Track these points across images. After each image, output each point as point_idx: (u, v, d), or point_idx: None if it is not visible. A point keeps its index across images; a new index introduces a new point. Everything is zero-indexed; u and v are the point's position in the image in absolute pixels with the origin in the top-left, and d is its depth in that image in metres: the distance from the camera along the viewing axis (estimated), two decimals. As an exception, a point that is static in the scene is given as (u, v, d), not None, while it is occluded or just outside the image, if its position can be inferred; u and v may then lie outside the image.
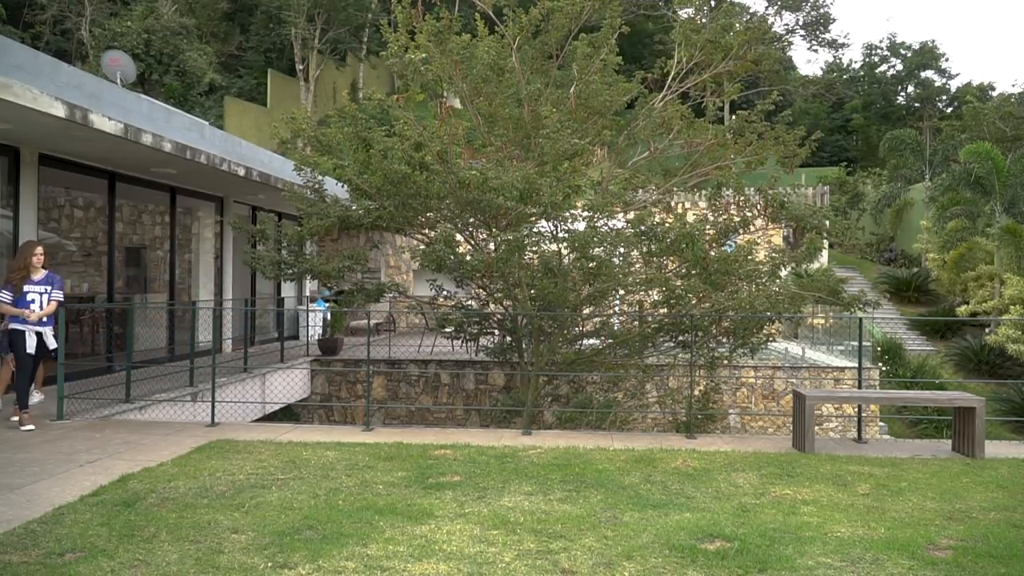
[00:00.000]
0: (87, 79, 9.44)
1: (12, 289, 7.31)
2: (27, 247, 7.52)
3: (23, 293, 7.31)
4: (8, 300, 7.26)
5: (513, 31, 10.19)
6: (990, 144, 22.12)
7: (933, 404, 7.36)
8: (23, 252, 7.52)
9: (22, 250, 7.57)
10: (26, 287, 7.33)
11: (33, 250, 7.44)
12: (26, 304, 7.29)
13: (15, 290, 7.31)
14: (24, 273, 7.35)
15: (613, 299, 10.64)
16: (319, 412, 14.10)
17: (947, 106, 46.48)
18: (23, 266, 7.37)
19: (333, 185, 11.04)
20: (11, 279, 7.36)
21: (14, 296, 7.28)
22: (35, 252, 7.43)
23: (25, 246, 7.57)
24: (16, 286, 7.32)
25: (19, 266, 7.37)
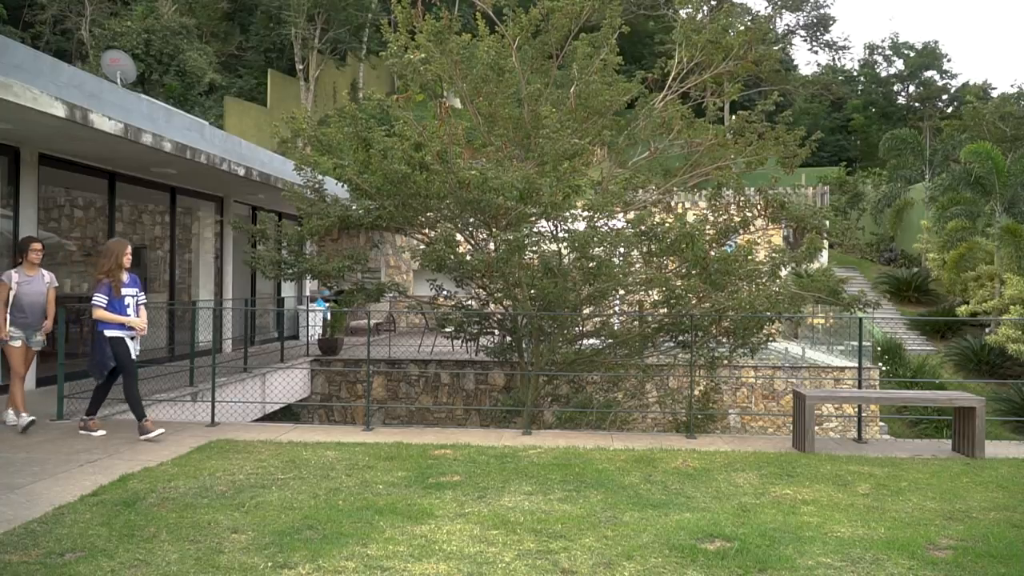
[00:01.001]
0: (87, 79, 9.44)
1: (109, 291, 6.77)
2: (119, 245, 6.93)
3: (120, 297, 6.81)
4: (104, 304, 6.73)
5: (513, 31, 10.18)
6: (990, 144, 22.12)
7: (933, 404, 7.36)
8: (114, 251, 6.88)
9: (112, 249, 6.91)
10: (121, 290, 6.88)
11: (125, 249, 6.91)
12: (123, 308, 6.81)
13: (113, 293, 6.78)
14: (118, 274, 6.83)
15: (613, 299, 10.64)
16: (319, 412, 14.10)
17: (947, 106, 46.49)
18: (116, 266, 6.82)
19: (333, 185, 11.04)
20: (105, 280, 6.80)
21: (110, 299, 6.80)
22: (127, 251, 6.91)
23: (116, 244, 6.95)
24: (115, 288, 6.79)
25: (112, 266, 6.81)
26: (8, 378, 7.34)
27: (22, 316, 7.09)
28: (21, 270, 7.16)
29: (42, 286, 7.26)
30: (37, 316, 7.21)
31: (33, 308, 7.17)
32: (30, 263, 7.20)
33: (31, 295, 7.16)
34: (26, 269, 7.19)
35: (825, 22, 48.33)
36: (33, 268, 7.22)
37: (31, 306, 7.16)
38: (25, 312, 7.11)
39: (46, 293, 7.30)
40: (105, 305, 6.71)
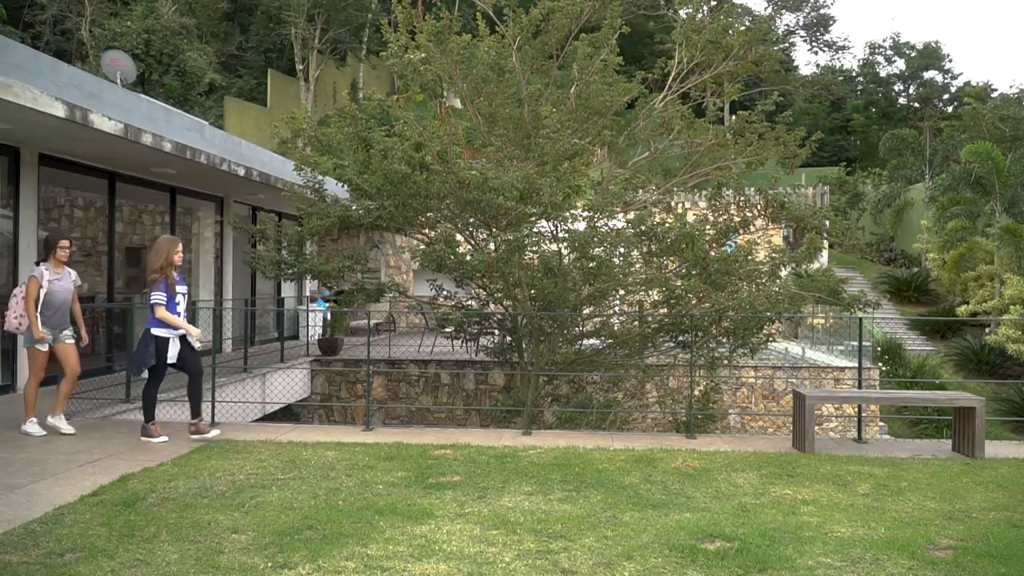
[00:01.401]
0: (87, 79, 9.44)
1: (167, 289, 6.59)
2: (170, 243, 6.71)
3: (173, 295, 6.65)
4: (164, 302, 6.54)
5: (513, 31, 10.18)
6: (990, 144, 22.12)
7: (933, 404, 7.36)
8: (165, 249, 6.67)
9: (163, 247, 6.69)
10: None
11: (176, 247, 6.72)
12: (175, 307, 6.66)
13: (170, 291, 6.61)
14: (171, 272, 6.66)
15: (613, 299, 10.64)
16: (319, 412, 14.10)
17: (947, 106, 46.49)
18: (168, 264, 6.65)
19: (333, 185, 11.04)
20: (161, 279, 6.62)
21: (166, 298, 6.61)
22: (178, 249, 6.74)
23: (167, 242, 6.73)
24: (171, 287, 6.62)
25: (165, 264, 6.63)
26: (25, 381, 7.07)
27: (51, 315, 6.83)
28: (49, 268, 6.88)
29: (69, 284, 7.02)
30: (65, 315, 6.97)
31: (62, 307, 6.93)
32: (58, 261, 6.93)
33: (61, 293, 6.91)
34: (54, 267, 6.91)
35: (825, 22, 48.35)
36: (60, 266, 6.97)
37: (61, 305, 6.91)
38: (54, 311, 6.86)
39: (72, 292, 7.06)
40: (164, 302, 6.55)
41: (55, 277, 6.88)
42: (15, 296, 6.83)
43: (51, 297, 6.82)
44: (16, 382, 9.21)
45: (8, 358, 9.17)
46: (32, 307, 6.67)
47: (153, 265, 6.67)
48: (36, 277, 6.77)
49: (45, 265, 6.87)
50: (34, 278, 6.76)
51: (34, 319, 6.66)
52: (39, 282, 6.75)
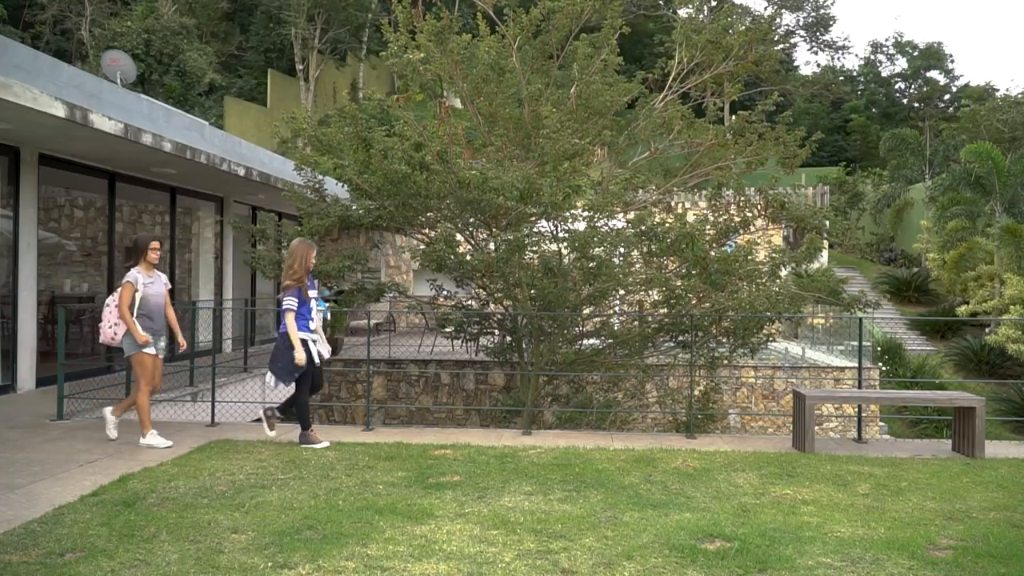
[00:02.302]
0: (87, 79, 9.44)
1: (299, 294, 6.39)
2: (305, 247, 6.53)
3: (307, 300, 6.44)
4: (295, 307, 6.35)
5: (513, 31, 10.18)
6: (990, 144, 22.13)
7: (933, 404, 7.35)
8: (301, 253, 6.47)
9: (299, 251, 6.49)
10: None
11: (311, 251, 6.54)
12: (310, 312, 6.45)
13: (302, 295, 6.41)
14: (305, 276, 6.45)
15: (613, 299, 10.64)
16: (319, 412, 14.10)
17: (948, 106, 46.50)
18: (305, 268, 6.45)
19: (333, 185, 11.05)
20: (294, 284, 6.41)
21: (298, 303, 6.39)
22: (313, 253, 6.54)
23: (302, 246, 6.54)
24: (305, 292, 6.42)
25: (301, 269, 6.43)
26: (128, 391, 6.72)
27: (149, 322, 6.48)
28: (141, 272, 6.53)
29: (162, 288, 6.68)
30: (162, 322, 6.64)
31: (159, 312, 6.59)
32: (149, 264, 6.58)
33: (156, 298, 6.57)
34: (145, 270, 6.56)
35: (825, 22, 48.36)
36: (151, 269, 6.61)
37: (157, 310, 6.56)
38: (152, 317, 6.51)
39: (166, 296, 6.73)
40: (296, 308, 6.35)
41: (148, 281, 6.54)
42: (108, 305, 6.51)
43: (146, 302, 6.48)
44: (16, 382, 9.22)
45: (8, 358, 9.17)
46: (128, 312, 6.36)
47: (290, 270, 6.41)
48: (131, 282, 6.42)
49: (136, 269, 6.51)
50: (128, 283, 6.41)
51: (132, 323, 6.34)
52: (134, 287, 6.41)
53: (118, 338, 6.45)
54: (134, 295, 6.40)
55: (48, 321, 9.77)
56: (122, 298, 6.38)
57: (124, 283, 6.43)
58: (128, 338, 6.40)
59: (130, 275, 6.48)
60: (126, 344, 6.45)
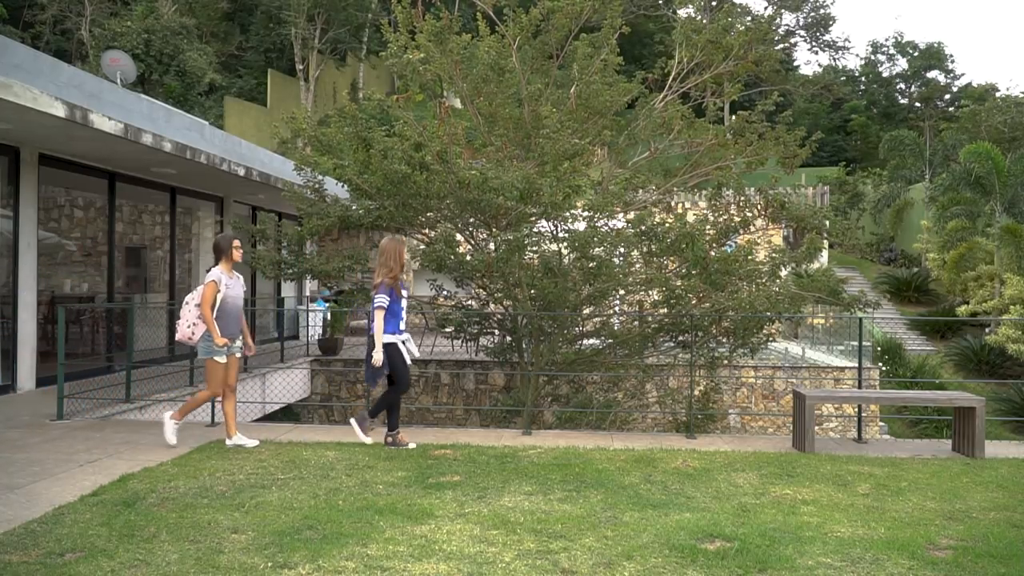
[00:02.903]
0: (87, 79, 9.44)
1: (391, 293, 6.21)
2: (396, 244, 6.32)
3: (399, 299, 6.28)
4: (386, 305, 6.17)
5: (513, 31, 10.18)
6: (990, 144, 22.13)
7: (933, 404, 7.36)
8: (393, 251, 6.27)
9: (390, 248, 6.28)
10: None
11: (403, 248, 6.34)
12: (401, 311, 6.30)
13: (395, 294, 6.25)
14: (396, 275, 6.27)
15: (613, 299, 10.64)
16: (319, 412, 14.10)
17: (948, 106, 46.50)
18: (398, 266, 6.27)
19: (333, 185, 11.05)
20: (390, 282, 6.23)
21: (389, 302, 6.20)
22: (405, 249, 6.34)
23: (393, 243, 6.33)
24: (398, 290, 6.25)
25: (396, 266, 6.24)
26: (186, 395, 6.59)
27: (227, 324, 6.29)
28: (223, 271, 6.30)
29: (241, 290, 6.47)
30: (238, 324, 6.42)
31: (236, 315, 6.38)
32: (231, 264, 6.36)
33: (235, 299, 6.35)
34: (227, 270, 6.33)
35: (825, 22, 48.35)
36: (232, 270, 6.38)
37: (235, 312, 6.35)
38: (230, 320, 6.32)
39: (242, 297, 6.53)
40: (387, 306, 6.20)
41: (230, 282, 6.33)
42: (187, 304, 6.30)
43: (226, 304, 6.27)
44: (16, 382, 9.22)
45: (8, 358, 9.17)
46: (209, 313, 6.14)
47: (384, 268, 6.24)
48: (215, 281, 6.19)
49: (219, 268, 6.30)
50: (212, 282, 6.18)
51: (212, 325, 6.14)
52: (217, 286, 6.19)
53: (196, 338, 6.25)
54: (216, 295, 6.19)
55: (48, 321, 9.77)
56: (205, 297, 6.16)
57: (207, 282, 6.19)
58: (206, 340, 6.22)
59: (214, 274, 6.25)
60: (202, 346, 6.25)
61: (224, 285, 6.22)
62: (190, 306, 6.28)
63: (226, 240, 6.36)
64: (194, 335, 6.24)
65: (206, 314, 6.14)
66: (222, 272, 6.27)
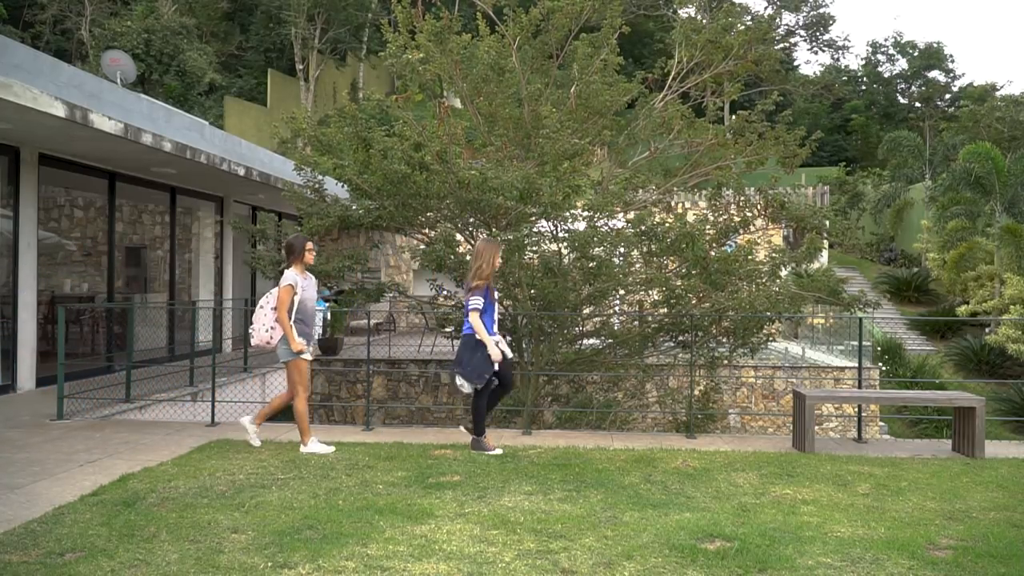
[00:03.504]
0: (87, 79, 9.45)
1: (486, 295, 6.09)
2: (492, 246, 6.20)
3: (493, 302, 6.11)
4: (480, 306, 6.04)
5: (513, 31, 10.18)
6: (990, 144, 22.14)
7: (933, 404, 7.35)
8: (488, 253, 6.15)
9: (485, 251, 6.17)
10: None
11: (498, 251, 6.21)
12: (492, 315, 6.18)
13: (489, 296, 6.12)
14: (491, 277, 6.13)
15: (613, 299, 10.64)
16: (319, 412, 14.10)
17: (948, 106, 46.52)
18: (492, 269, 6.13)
19: (333, 185, 11.06)
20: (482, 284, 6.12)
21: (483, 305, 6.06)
22: (499, 253, 6.22)
23: (488, 245, 6.21)
24: (491, 293, 6.14)
25: (489, 269, 6.12)
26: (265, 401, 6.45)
27: (304, 326, 6.23)
28: (297, 273, 6.22)
29: (315, 290, 6.43)
30: (314, 326, 6.40)
31: (312, 316, 6.35)
32: (305, 265, 6.30)
33: (310, 301, 6.31)
34: (300, 272, 6.25)
35: (824, 22, 48.37)
36: (304, 271, 6.32)
37: (311, 313, 6.32)
38: (307, 322, 6.27)
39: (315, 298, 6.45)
40: (481, 308, 6.07)
41: (305, 283, 6.26)
42: (262, 307, 6.22)
43: (303, 306, 6.21)
44: (16, 382, 9.23)
45: (8, 358, 9.17)
46: (287, 317, 6.06)
47: (478, 271, 6.13)
48: (291, 284, 6.09)
49: (293, 271, 6.21)
50: (289, 285, 6.09)
51: (290, 329, 6.06)
52: (294, 289, 6.10)
53: (274, 342, 6.17)
54: (293, 298, 6.10)
55: (48, 321, 9.77)
56: (281, 301, 6.06)
57: (284, 285, 6.09)
58: (285, 343, 6.12)
59: (289, 277, 6.14)
60: (282, 350, 6.17)
61: (300, 287, 6.15)
62: (265, 310, 6.19)
63: (299, 241, 6.28)
64: (272, 339, 6.16)
65: (283, 319, 6.05)
66: (296, 274, 6.18)
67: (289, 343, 6.09)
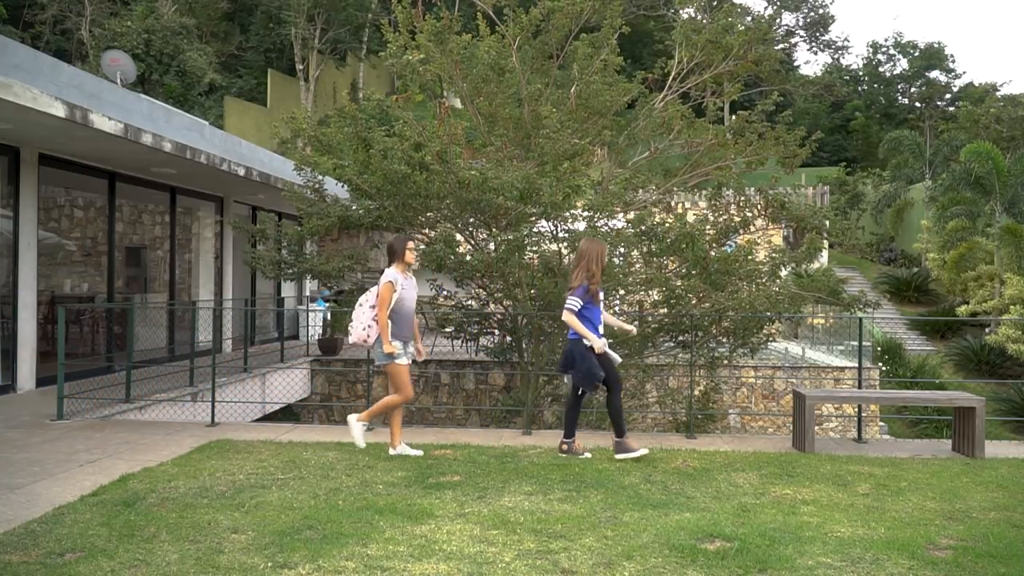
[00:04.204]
0: (87, 79, 9.45)
1: (584, 295, 5.90)
2: (599, 246, 6.03)
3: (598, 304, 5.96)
4: (576, 308, 5.88)
5: (513, 31, 10.18)
6: (990, 144, 22.14)
7: (933, 404, 7.35)
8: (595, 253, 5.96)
9: (592, 250, 5.97)
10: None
11: (604, 250, 6.03)
12: (597, 318, 5.98)
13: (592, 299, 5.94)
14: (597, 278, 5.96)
15: (613, 299, 10.64)
16: (319, 412, 14.10)
17: (949, 106, 46.53)
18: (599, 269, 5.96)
19: (333, 185, 11.06)
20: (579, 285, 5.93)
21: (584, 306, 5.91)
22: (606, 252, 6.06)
23: (595, 244, 6.03)
24: (595, 296, 5.95)
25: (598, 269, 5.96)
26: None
27: (401, 328, 6.05)
28: (398, 272, 6.06)
29: (415, 292, 6.25)
30: (411, 328, 6.18)
31: (410, 318, 6.15)
32: (406, 265, 6.14)
33: (410, 302, 6.10)
34: (401, 272, 6.08)
35: (824, 22, 48.38)
36: (406, 271, 6.15)
37: (409, 315, 6.12)
38: (404, 323, 6.07)
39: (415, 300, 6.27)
40: (577, 309, 5.89)
41: (405, 283, 6.08)
42: (361, 305, 6.07)
43: (401, 306, 6.02)
44: (16, 382, 9.23)
45: (8, 358, 9.17)
46: (385, 316, 5.88)
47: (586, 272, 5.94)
48: (392, 281, 5.93)
49: (394, 269, 6.06)
50: (389, 282, 5.92)
51: (385, 329, 5.89)
52: (394, 287, 5.92)
53: (371, 340, 6.02)
54: (393, 296, 5.92)
55: (48, 321, 9.77)
56: (382, 299, 5.88)
57: (384, 282, 5.91)
58: (381, 345, 5.98)
59: (390, 274, 5.97)
60: (378, 352, 6.03)
61: (400, 286, 5.98)
62: (364, 307, 6.04)
63: (400, 242, 6.13)
64: (369, 337, 6.00)
65: (382, 317, 5.90)
66: (397, 273, 6.04)
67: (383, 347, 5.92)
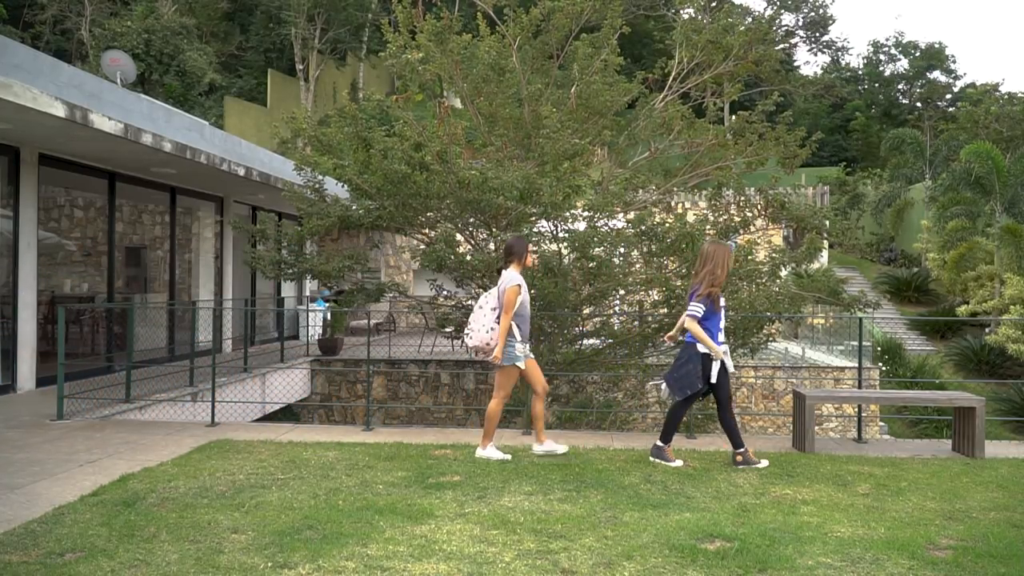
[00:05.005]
0: (87, 79, 9.45)
1: (710, 303, 5.74)
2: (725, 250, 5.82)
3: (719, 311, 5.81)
4: (699, 314, 5.71)
5: (514, 31, 10.19)
6: (990, 144, 22.13)
7: (933, 404, 7.36)
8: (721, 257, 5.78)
9: (717, 254, 5.80)
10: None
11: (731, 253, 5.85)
12: (718, 325, 5.80)
13: (713, 305, 5.77)
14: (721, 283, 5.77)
15: (613, 299, 10.64)
16: (319, 412, 14.10)
17: (949, 106, 46.53)
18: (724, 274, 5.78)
19: (333, 185, 11.06)
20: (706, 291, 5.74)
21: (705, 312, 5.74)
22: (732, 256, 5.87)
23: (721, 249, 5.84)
24: (716, 302, 5.78)
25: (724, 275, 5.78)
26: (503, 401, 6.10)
27: (525, 327, 5.99)
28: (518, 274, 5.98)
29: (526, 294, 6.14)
30: (528, 327, 6.12)
31: (529, 318, 6.10)
32: (525, 267, 6.10)
33: (528, 304, 6.11)
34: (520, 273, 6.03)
35: (824, 22, 48.38)
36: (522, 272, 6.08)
37: (528, 317, 6.07)
38: (525, 324, 5.99)
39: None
40: (700, 315, 5.74)
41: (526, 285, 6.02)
42: (480, 308, 5.99)
43: (523, 308, 5.94)
44: (16, 382, 9.23)
45: (8, 358, 9.17)
46: (510, 319, 5.78)
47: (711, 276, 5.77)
48: (518, 284, 5.82)
49: (517, 271, 5.98)
50: (516, 285, 5.80)
51: (505, 333, 5.80)
52: (519, 291, 5.82)
53: (493, 343, 5.90)
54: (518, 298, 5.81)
55: (48, 321, 9.77)
56: (510, 301, 5.77)
57: (511, 285, 5.80)
58: (507, 346, 5.87)
59: (516, 276, 5.86)
60: (509, 353, 5.90)
61: (523, 289, 5.93)
62: (484, 310, 5.94)
63: (520, 243, 6.05)
64: (493, 340, 5.90)
65: (505, 321, 5.78)
66: (519, 275, 5.96)
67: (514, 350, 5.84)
